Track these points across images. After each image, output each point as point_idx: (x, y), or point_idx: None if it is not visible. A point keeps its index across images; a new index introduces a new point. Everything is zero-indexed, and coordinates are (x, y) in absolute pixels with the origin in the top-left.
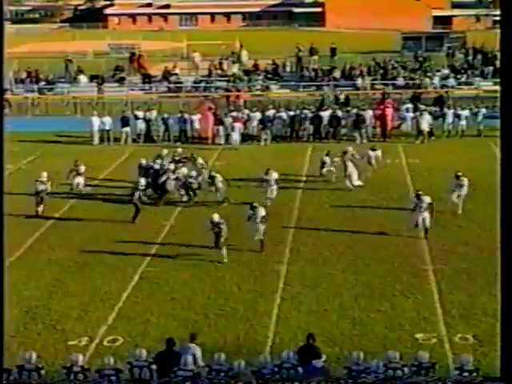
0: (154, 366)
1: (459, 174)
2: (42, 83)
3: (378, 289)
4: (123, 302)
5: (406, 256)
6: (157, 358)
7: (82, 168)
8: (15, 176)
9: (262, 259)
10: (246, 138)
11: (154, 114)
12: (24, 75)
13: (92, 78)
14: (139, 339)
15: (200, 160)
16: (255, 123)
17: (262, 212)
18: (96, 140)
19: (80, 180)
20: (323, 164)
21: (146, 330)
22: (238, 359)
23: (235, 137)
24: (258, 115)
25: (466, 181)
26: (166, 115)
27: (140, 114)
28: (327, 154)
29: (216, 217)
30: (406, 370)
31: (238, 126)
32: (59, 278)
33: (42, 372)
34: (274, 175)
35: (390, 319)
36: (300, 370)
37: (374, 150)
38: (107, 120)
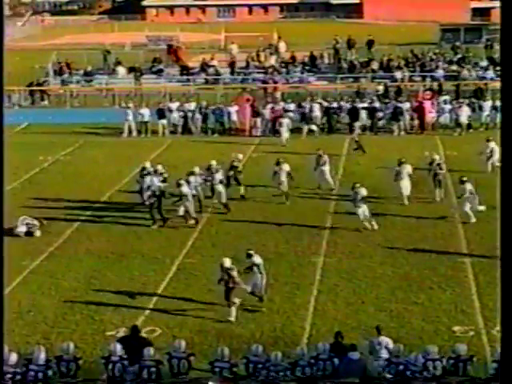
0: (192, 358)
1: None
2: (81, 75)
3: (415, 281)
4: (161, 294)
5: (444, 248)
6: (121, 341)
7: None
8: (54, 167)
9: (298, 251)
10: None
11: (192, 105)
12: (63, 67)
13: (130, 69)
14: (177, 330)
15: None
16: (292, 115)
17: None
18: (125, 133)
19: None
20: (398, 174)
21: (183, 321)
22: (275, 351)
23: (284, 134)
24: (292, 106)
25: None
26: (203, 107)
27: (174, 105)
28: (400, 164)
29: (227, 262)
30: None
31: (286, 121)
32: (97, 268)
33: (80, 362)
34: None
35: (427, 312)
36: (336, 361)
37: (489, 140)
38: (145, 112)
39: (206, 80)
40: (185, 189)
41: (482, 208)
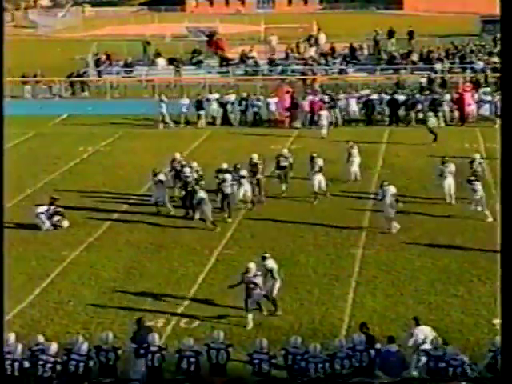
0: (231, 349)
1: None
2: (121, 66)
3: (454, 274)
4: (199, 284)
5: (483, 241)
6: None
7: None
8: (94, 158)
9: (337, 242)
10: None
11: (232, 97)
12: (103, 58)
13: (170, 60)
14: (215, 321)
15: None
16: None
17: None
18: (161, 124)
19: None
20: (441, 174)
21: (222, 312)
22: (314, 343)
23: (324, 127)
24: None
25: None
26: (242, 98)
27: (213, 97)
28: (443, 163)
29: (252, 266)
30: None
31: (325, 114)
32: (136, 259)
33: (119, 352)
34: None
35: (467, 304)
36: (372, 353)
37: None
38: (184, 102)
39: (245, 71)
40: (201, 194)
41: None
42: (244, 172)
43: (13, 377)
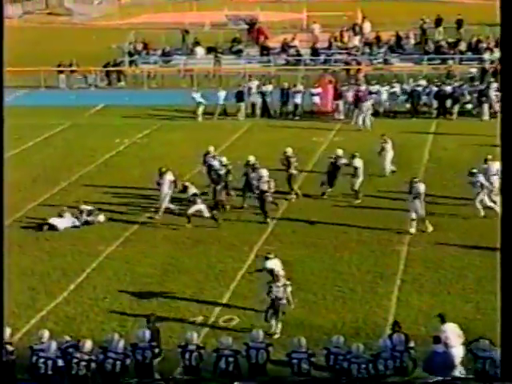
0: (271, 349)
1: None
2: (158, 55)
3: None
4: (238, 281)
5: None
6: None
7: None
8: (130, 150)
9: (382, 239)
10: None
11: (270, 87)
12: (140, 47)
13: (209, 49)
14: (255, 320)
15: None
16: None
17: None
18: (200, 116)
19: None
20: (485, 173)
21: (262, 310)
22: (357, 342)
23: (367, 120)
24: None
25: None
26: (283, 88)
27: (254, 87)
28: (486, 160)
29: (280, 270)
30: None
31: (369, 105)
32: (174, 255)
33: (156, 350)
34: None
35: None
36: (413, 352)
37: None
38: (221, 94)
39: (286, 61)
40: (193, 190)
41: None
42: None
43: (46, 375)
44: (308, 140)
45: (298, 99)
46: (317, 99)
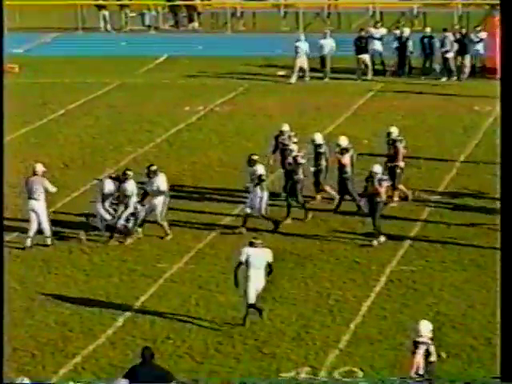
0: None
1: None
2: None
3: None
4: (363, 317)
5: None
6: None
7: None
8: (206, 122)
9: None
10: None
11: (407, 31)
12: None
13: None
14: (386, 373)
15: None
16: None
17: None
18: (294, 78)
19: None
20: None
21: (395, 359)
22: None
23: None
24: None
25: None
26: (425, 37)
27: (379, 32)
28: None
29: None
30: None
31: None
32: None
33: None
34: None
35: None
36: None
37: None
38: (326, 43)
39: None
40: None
41: None
42: None
43: None
44: (466, 109)
45: (447, 47)
46: (480, 49)
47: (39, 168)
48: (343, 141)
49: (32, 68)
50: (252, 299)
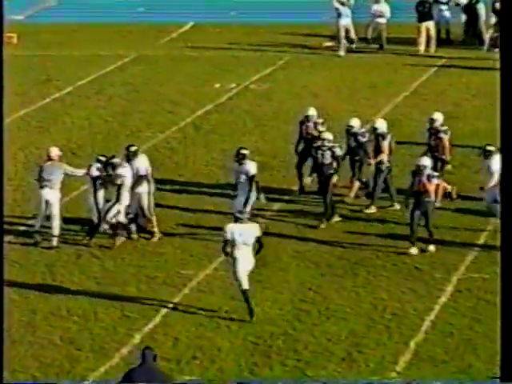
0: None
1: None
2: None
3: None
4: (426, 332)
5: None
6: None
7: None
8: (238, 102)
9: None
10: None
11: None
12: None
13: None
14: None
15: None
16: None
17: None
18: (343, 50)
19: None
20: None
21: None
22: None
23: None
24: None
25: None
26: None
27: None
28: None
29: None
30: None
31: None
32: (316, 285)
33: None
34: None
35: None
36: None
37: None
38: (379, 8)
39: None
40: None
41: None
42: None
43: None
44: None
45: None
46: None
47: (54, 152)
48: (380, 124)
49: (33, 38)
50: (245, 284)
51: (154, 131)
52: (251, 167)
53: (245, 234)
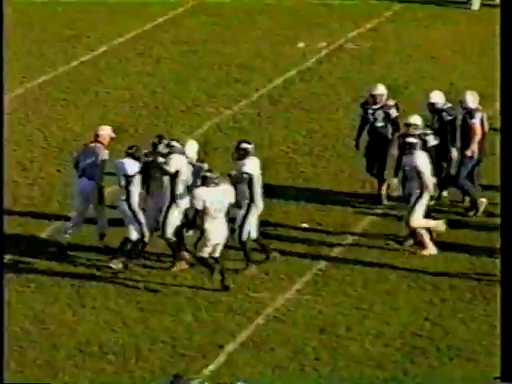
0: None
1: None
2: None
3: None
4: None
5: None
6: None
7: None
8: (329, 66)
9: None
10: None
11: None
12: None
13: None
14: None
15: None
16: None
17: None
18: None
19: None
20: None
21: None
22: None
23: None
24: None
25: None
26: None
27: None
28: None
29: None
30: None
31: None
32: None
33: None
34: None
35: None
36: None
37: None
38: None
39: None
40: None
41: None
42: None
43: None
44: None
45: None
46: None
47: (106, 131)
48: (471, 97)
49: None
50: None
51: (217, 106)
52: (249, 164)
53: (217, 200)
